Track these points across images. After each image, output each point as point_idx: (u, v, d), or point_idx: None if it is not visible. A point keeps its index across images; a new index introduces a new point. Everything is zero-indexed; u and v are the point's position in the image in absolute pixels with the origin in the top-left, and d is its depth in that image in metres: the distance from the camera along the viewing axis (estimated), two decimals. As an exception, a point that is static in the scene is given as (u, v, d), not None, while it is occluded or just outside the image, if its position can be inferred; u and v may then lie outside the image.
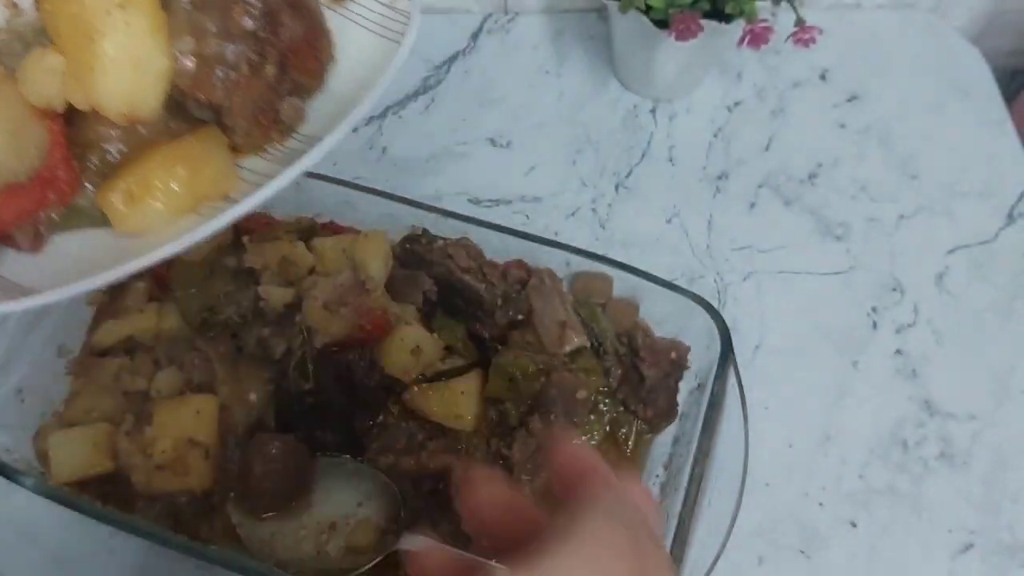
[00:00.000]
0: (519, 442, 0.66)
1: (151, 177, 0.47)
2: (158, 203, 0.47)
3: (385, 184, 0.89)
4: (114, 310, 0.72)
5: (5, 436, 0.65)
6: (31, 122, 0.48)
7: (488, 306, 0.70)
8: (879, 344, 0.81)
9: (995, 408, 0.77)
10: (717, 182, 0.91)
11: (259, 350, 0.68)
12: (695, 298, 0.68)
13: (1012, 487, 0.73)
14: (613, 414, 0.70)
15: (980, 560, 0.70)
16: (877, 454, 0.75)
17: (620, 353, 0.70)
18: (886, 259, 0.86)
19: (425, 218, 0.74)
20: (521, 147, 0.94)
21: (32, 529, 0.70)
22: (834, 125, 0.95)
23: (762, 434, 0.71)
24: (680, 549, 0.59)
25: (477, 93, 0.98)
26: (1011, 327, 0.82)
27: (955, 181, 0.91)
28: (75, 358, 0.71)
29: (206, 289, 0.73)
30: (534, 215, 0.88)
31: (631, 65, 0.95)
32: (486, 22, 1.04)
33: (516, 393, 0.68)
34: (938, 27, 1.04)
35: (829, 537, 0.71)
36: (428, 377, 0.69)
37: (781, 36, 0.81)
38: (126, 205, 0.47)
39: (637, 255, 0.85)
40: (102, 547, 0.70)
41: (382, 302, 0.68)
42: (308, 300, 0.67)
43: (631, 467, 0.69)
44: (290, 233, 0.73)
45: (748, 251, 0.86)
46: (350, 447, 0.68)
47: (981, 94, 0.98)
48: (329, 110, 0.54)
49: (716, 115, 0.96)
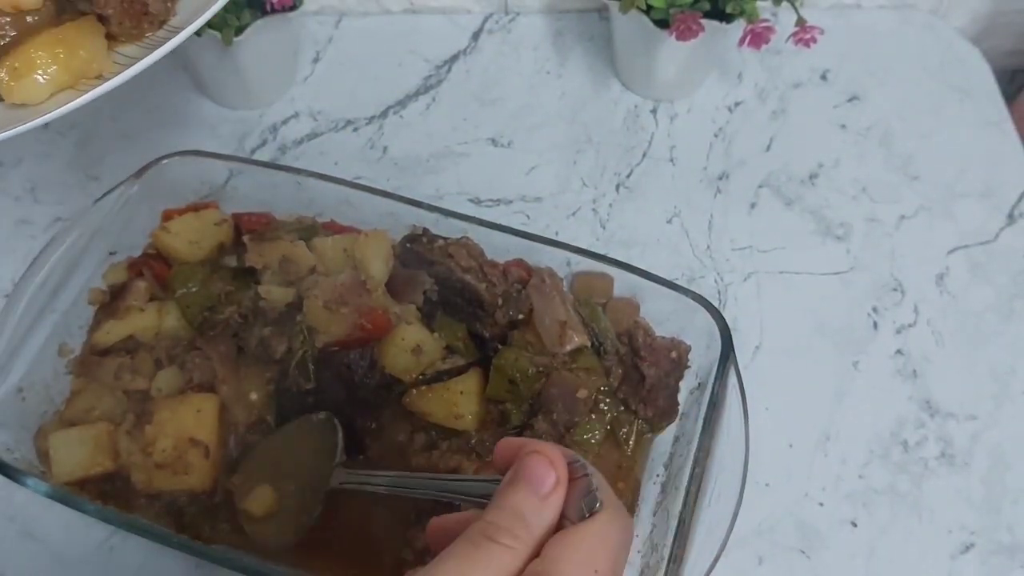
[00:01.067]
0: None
1: (33, 56, 0.56)
2: (39, 78, 0.56)
3: (386, 183, 0.89)
4: (115, 309, 0.72)
5: (6, 435, 0.65)
6: None
7: (488, 305, 0.70)
8: (879, 344, 0.81)
9: (995, 408, 0.77)
10: (718, 182, 0.91)
11: (260, 350, 0.68)
12: (696, 297, 0.68)
13: (1012, 488, 0.73)
14: (613, 413, 0.70)
15: (980, 561, 0.70)
16: (877, 454, 0.75)
17: (621, 352, 0.70)
18: (886, 259, 0.86)
19: (426, 217, 0.74)
20: (522, 147, 0.94)
21: (33, 528, 0.71)
22: (835, 125, 0.95)
23: (762, 434, 0.71)
24: (680, 549, 0.59)
25: (478, 93, 0.98)
26: (1011, 327, 0.82)
27: (955, 181, 0.91)
28: (76, 357, 0.72)
29: (207, 288, 0.73)
30: (535, 215, 0.89)
31: (632, 65, 0.95)
32: (487, 22, 1.04)
33: (516, 395, 0.68)
34: (938, 27, 1.04)
35: (829, 537, 0.71)
36: (428, 377, 0.70)
37: (782, 36, 0.81)
38: (12, 79, 0.55)
39: (638, 255, 0.85)
40: (103, 546, 0.70)
41: (383, 301, 0.68)
42: (309, 299, 0.67)
43: (631, 466, 0.69)
44: (291, 232, 0.73)
45: (748, 251, 0.86)
46: (350, 446, 0.68)
47: (981, 94, 0.98)
48: (198, 3, 0.61)
49: (717, 115, 0.96)
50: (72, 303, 0.72)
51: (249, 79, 0.91)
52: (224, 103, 0.96)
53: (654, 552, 0.63)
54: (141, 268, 0.74)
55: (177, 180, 0.77)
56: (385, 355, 0.68)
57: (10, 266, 0.82)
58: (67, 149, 0.93)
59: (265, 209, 0.78)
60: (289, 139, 0.94)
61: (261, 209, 0.78)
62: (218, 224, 0.76)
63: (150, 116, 0.95)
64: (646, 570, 0.63)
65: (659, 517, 0.66)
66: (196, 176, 0.78)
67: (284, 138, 0.94)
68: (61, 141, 0.93)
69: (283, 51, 0.94)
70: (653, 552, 0.64)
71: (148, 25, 0.61)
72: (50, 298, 0.70)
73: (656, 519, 0.66)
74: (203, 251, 0.74)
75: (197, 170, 0.78)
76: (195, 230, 0.75)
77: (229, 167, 0.79)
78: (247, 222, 0.76)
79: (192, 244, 0.74)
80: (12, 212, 0.88)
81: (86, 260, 0.73)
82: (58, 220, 0.87)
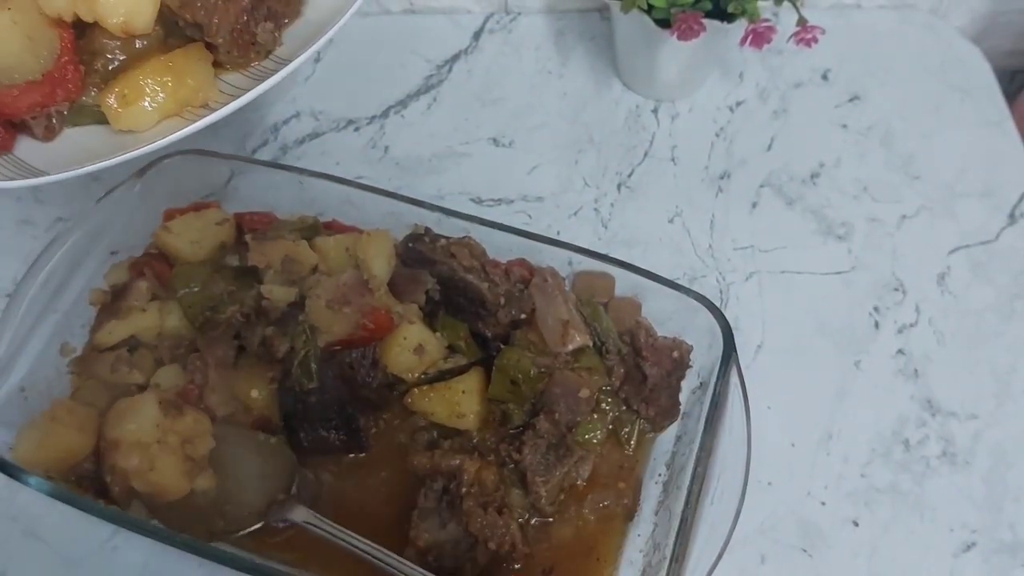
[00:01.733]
0: (529, 445, 0.66)
1: (143, 83, 0.56)
2: (147, 105, 0.56)
3: (387, 183, 0.89)
4: (116, 309, 0.72)
5: (8, 434, 0.65)
6: (45, 29, 0.58)
7: (491, 305, 0.70)
8: (881, 344, 0.81)
9: (997, 407, 0.77)
10: (719, 182, 0.91)
11: (262, 349, 0.68)
12: (697, 297, 0.69)
13: (1014, 486, 0.73)
14: (616, 413, 0.70)
15: (982, 559, 0.70)
16: (879, 453, 0.75)
17: (622, 352, 0.71)
18: (888, 259, 0.86)
19: (428, 217, 0.74)
20: (523, 146, 0.94)
21: (35, 527, 0.71)
22: (836, 125, 0.96)
23: (764, 433, 0.72)
24: (683, 547, 0.59)
25: (479, 93, 0.98)
26: (1012, 327, 0.82)
27: (956, 181, 0.91)
28: (77, 356, 0.72)
29: (208, 288, 0.72)
30: (536, 214, 0.89)
31: (633, 65, 0.95)
32: (488, 22, 1.04)
33: (518, 395, 0.68)
34: (939, 27, 1.04)
35: (831, 536, 0.71)
36: (430, 376, 0.70)
37: (783, 36, 0.81)
38: (121, 105, 0.56)
39: (639, 254, 0.85)
40: (105, 545, 0.70)
41: (385, 301, 0.69)
42: (311, 299, 0.67)
43: (634, 466, 0.69)
44: (293, 232, 0.73)
45: (750, 251, 0.86)
46: (353, 445, 0.68)
47: (982, 94, 0.98)
48: (304, 35, 0.62)
49: (718, 115, 0.96)
50: (74, 303, 0.72)
51: (250, 79, 0.91)
52: (225, 103, 0.96)
53: (656, 551, 0.63)
54: (143, 268, 0.74)
55: (178, 180, 0.77)
56: (387, 354, 0.68)
57: (12, 266, 0.82)
58: (68, 149, 0.93)
59: (266, 209, 0.78)
60: (290, 139, 0.94)
61: (262, 209, 0.78)
62: (220, 224, 0.76)
63: (151, 116, 0.95)
64: (648, 569, 0.63)
65: (661, 516, 0.66)
66: (197, 176, 0.78)
67: (285, 138, 0.94)
68: (62, 141, 0.93)
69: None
70: (655, 551, 0.64)
71: (255, 55, 0.61)
72: (52, 298, 0.70)
73: (658, 518, 0.66)
74: (205, 251, 0.74)
75: (198, 170, 0.78)
76: (197, 230, 0.75)
77: (231, 166, 0.79)
78: (249, 222, 0.76)
79: (194, 244, 0.74)
80: (14, 212, 0.88)
81: (88, 260, 0.73)
82: (60, 220, 0.87)
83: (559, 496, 0.66)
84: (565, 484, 0.67)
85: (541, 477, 0.65)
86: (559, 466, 0.66)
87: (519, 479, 0.66)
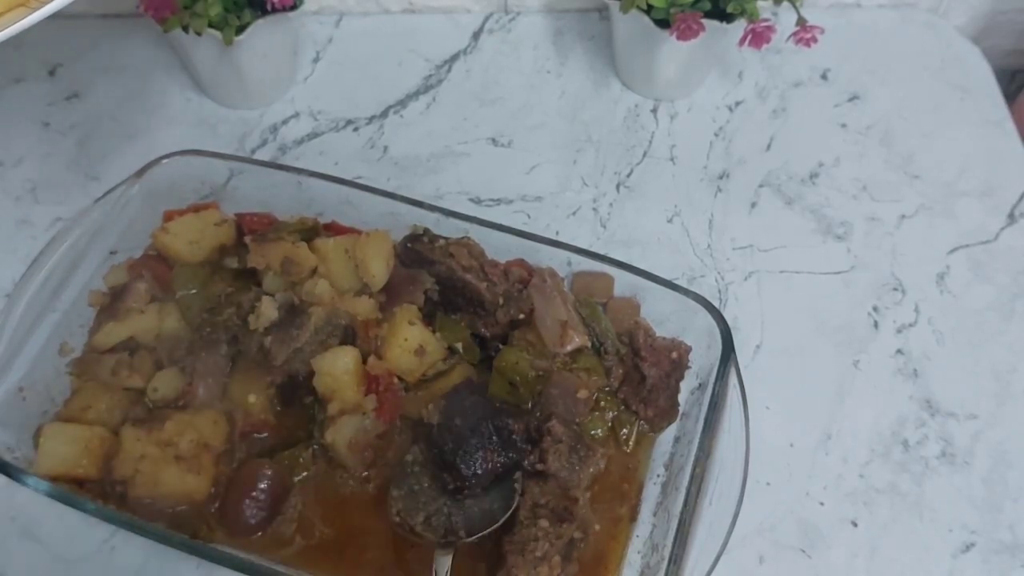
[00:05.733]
0: (551, 452, 0.65)
1: None
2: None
3: (386, 183, 0.89)
4: (115, 311, 0.72)
5: (7, 434, 0.65)
6: None
7: (490, 305, 0.70)
8: (880, 343, 0.81)
9: (996, 407, 0.77)
10: (718, 181, 0.91)
11: (260, 356, 0.68)
12: (696, 297, 0.69)
13: (1013, 486, 0.73)
14: (614, 413, 0.70)
15: (981, 559, 0.70)
16: (878, 453, 0.75)
17: (621, 352, 0.70)
18: (887, 259, 0.86)
19: (426, 217, 0.74)
20: (522, 146, 0.94)
21: (34, 528, 0.70)
22: (835, 125, 0.95)
23: (763, 433, 0.71)
24: (681, 548, 0.59)
25: (478, 92, 0.98)
26: (1012, 327, 0.82)
27: (956, 180, 0.91)
28: (77, 358, 0.71)
29: (207, 290, 0.72)
30: (535, 214, 0.89)
31: (632, 65, 0.95)
32: (487, 22, 1.04)
33: (517, 396, 0.68)
34: (938, 26, 1.04)
35: (830, 536, 0.71)
36: (430, 378, 0.69)
37: (782, 36, 0.81)
38: None
39: (638, 254, 0.85)
40: (104, 546, 0.70)
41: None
42: (335, 434, 0.66)
43: (633, 466, 0.69)
44: (293, 233, 0.73)
45: (749, 250, 0.86)
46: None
47: (981, 94, 0.98)
48: None
49: (717, 115, 0.96)
50: (73, 303, 0.72)
51: (249, 79, 0.91)
52: (224, 103, 0.96)
53: (655, 552, 0.63)
54: (141, 269, 0.74)
55: (177, 180, 0.77)
56: (389, 355, 0.68)
57: (11, 266, 0.82)
58: (67, 149, 0.93)
59: (265, 209, 0.78)
60: (289, 139, 0.94)
61: (261, 209, 0.77)
62: (219, 224, 0.76)
63: (150, 116, 0.95)
64: (647, 570, 0.63)
65: (660, 517, 0.66)
66: (196, 176, 0.78)
67: (284, 138, 0.94)
68: (61, 141, 0.93)
69: (283, 51, 0.94)
70: (654, 552, 0.64)
71: None
72: (51, 298, 0.70)
73: (657, 519, 0.66)
74: (203, 252, 0.74)
75: (197, 170, 0.78)
76: (195, 231, 0.75)
77: (229, 167, 0.79)
78: (249, 222, 0.76)
79: (192, 245, 0.74)
80: (12, 212, 0.88)
81: (87, 260, 0.73)
82: (58, 220, 0.87)
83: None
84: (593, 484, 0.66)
85: (578, 486, 0.64)
86: (584, 467, 0.65)
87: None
